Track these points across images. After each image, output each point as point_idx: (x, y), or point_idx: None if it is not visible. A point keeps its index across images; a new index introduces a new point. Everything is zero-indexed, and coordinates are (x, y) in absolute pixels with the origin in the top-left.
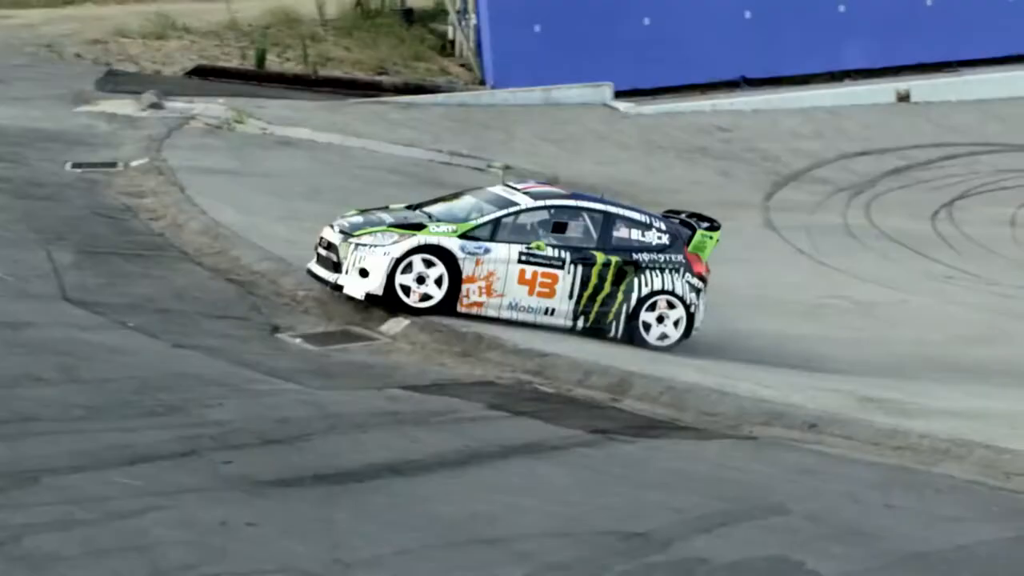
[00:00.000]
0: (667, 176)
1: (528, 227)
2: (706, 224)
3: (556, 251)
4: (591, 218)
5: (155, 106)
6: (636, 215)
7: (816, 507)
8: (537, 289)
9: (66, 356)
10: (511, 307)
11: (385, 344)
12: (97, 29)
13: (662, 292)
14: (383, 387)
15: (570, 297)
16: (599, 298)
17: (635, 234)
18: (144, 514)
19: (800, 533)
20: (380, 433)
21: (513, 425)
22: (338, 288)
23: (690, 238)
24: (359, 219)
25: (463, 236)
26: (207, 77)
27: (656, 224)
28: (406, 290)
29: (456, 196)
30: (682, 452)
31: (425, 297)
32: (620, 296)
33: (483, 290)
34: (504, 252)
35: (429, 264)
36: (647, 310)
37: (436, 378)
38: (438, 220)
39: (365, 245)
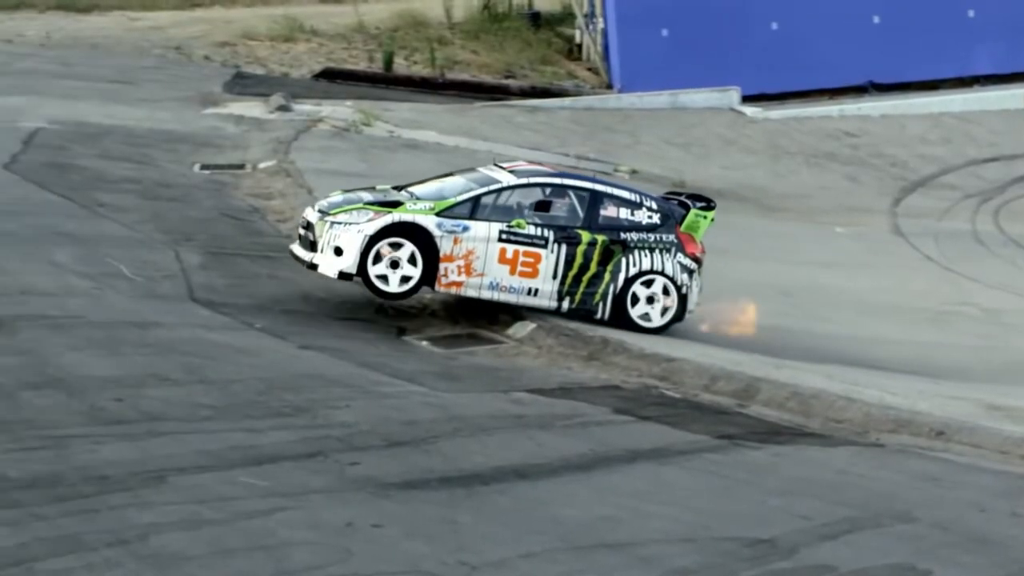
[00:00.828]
0: (794, 181)
1: (513, 206)
2: (701, 203)
3: (539, 230)
4: (577, 196)
5: (283, 108)
6: (625, 193)
7: (943, 515)
8: (519, 269)
9: (193, 356)
10: (492, 287)
11: (511, 347)
12: (225, 32)
13: (651, 272)
14: (508, 390)
15: (554, 277)
16: (585, 278)
17: (624, 213)
18: (270, 514)
19: (926, 541)
20: (505, 436)
21: (639, 429)
22: (313, 267)
23: (683, 218)
24: (339, 198)
25: (441, 214)
26: (334, 80)
27: (647, 203)
28: (384, 279)
29: (445, 176)
30: (808, 458)
31: (404, 279)
32: (607, 276)
33: (462, 269)
34: (484, 230)
35: (398, 246)
36: (642, 285)
37: (562, 382)
38: (419, 199)
39: (340, 223)
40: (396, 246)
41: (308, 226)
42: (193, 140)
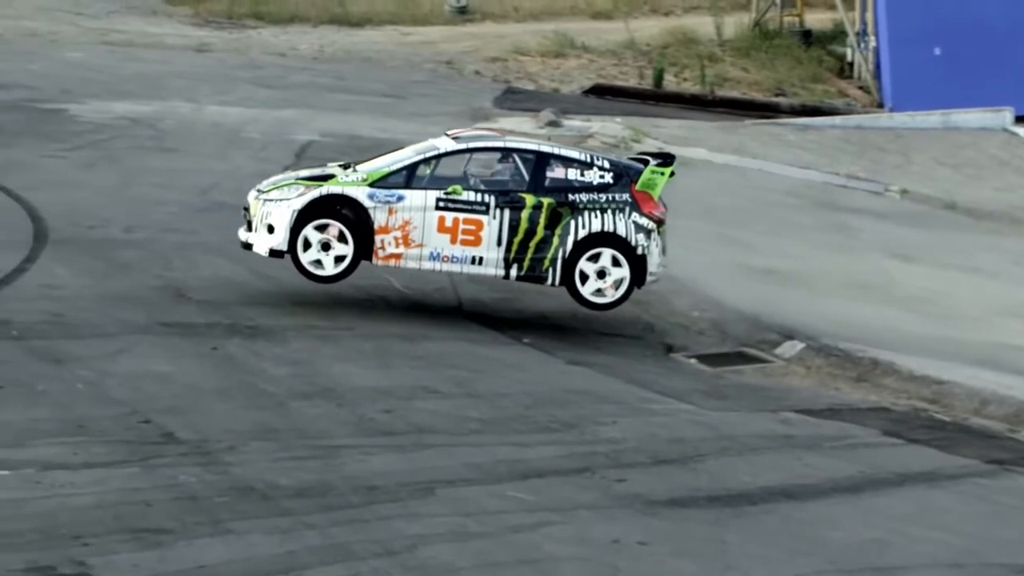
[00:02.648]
0: None
1: (460, 174)
2: (658, 160)
3: (478, 195)
4: (522, 159)
5: (552, 124)
6: (574, 153)
7: None
8: (460, 237)
9: (461, 370)
10: (433, 257)
11: (779, 367)
12: (496, 47)
13: (601, 233)
14: (777, 410)
15: (498, 244)
16: (532, 244)
17: (572, 174)
18: (537, 529)
19: None
20: (773, 456)
21: (907, 452)
22: (248, 247)
23: (639, 175)
24: (278, 177)
25: (374, 185)
26: (604, 96)
27: (598, 162)
28: (318, 263)
29: (395, 150)
30: None
31: (339, 259)
32: (555, 240)
33: (399, 240)
34: (420, 199)
35: (324, 227)
36: (587, 260)
37: (830, 403)
38: (356, 172)
39: (272, 200)
40: (323, 228)
41: (247, 208)
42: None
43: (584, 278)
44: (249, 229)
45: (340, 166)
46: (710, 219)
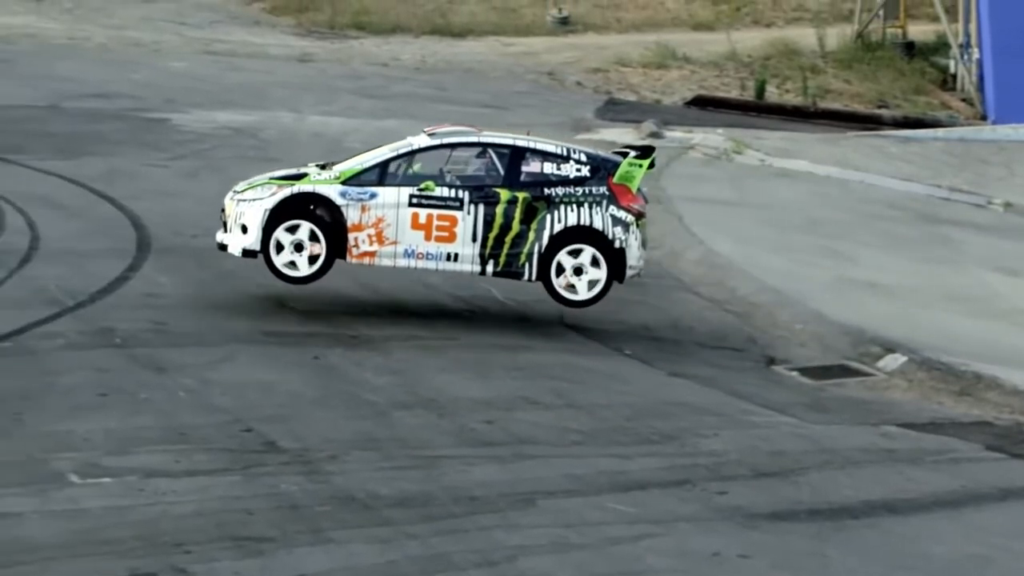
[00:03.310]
0: None
1: (435, 171)
2: (635, 152)
3: (452, 191)
4: (497, 154)
5: (654, 135)
6: (550, 147)
7: None
8: (435, 234)
9: (562, 381)
10: (407, 255)
11: (881, 380)
12: (598, 58)
13: (577, 227)
14: (878, 423)
15: (473, 240)
16: (507, 239)
17: (548, 167)
18: (638, 541)
19: None
20: (875, 470)
21: (1011, 467)
22: (223, 248)
23: (616, 168)
24: (254, 178)
25: (347, 182)
26: (706, 107)
27: (575, 156)
28: (292, 265)
29: (374, 149)
30: None
31: (312, 259)
32: (531, 235)
33: (373, 238)
34: (393, 196)
35: (295, 229)
36: (567, 254)
37: (932, 417)
38: (331, 171)
39: (246, 200)
40: (294, 229)
41: (223, 209)
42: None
43: (560, 273)
44: (226, 230)
45: (317, 166)
46: (812, 231)
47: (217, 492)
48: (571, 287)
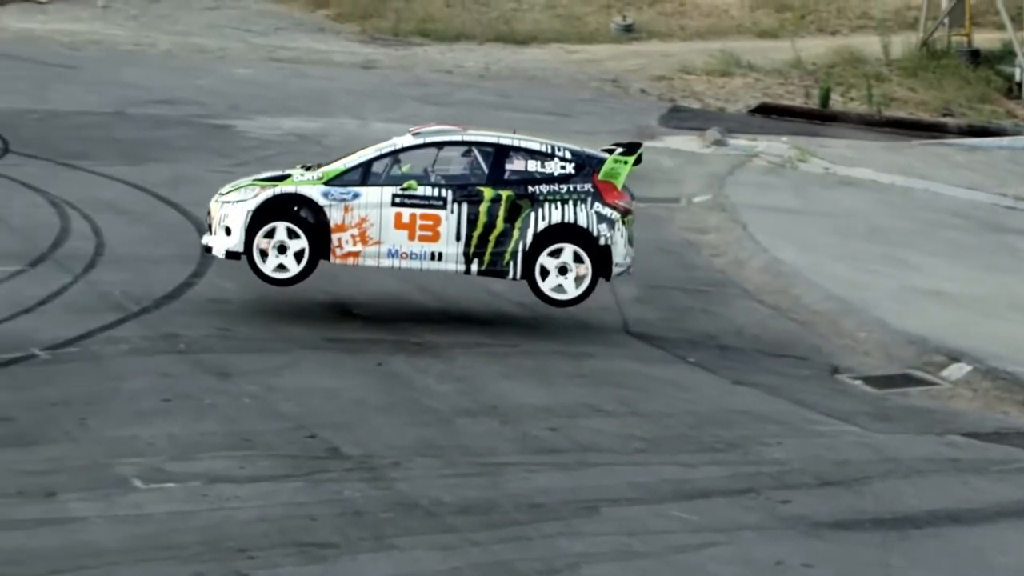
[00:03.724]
0: None
1: (420, 171)
2: (621, 148)
3: (435, 190)
4: (481, 152)
5: (718, 143)
6: (535, 145)
7: None
8: (418, 233)
9: (626, 388)
10: (391, 255)
11: (945, 389)
12: (662, 65)
13: (562, 224)
14: (943, 433)
15: (457, 239)
16: (492, 237)
17: (533, 165)
18: (701, 549)
19: None
20: (939, 480)
21: None
22: (208, 250)
23: (601, 164)
24: (239, 180)
25: (329, 183)
26: (770, 115)
27: (559, 153)
28: (282, 268)
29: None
30: None
31: (297, 259)
32: (515, 233)
33: (357, 238)
34: (376, 196)
35: (273, 232)
36: (548, 255)
37: (998, 426)
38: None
39: (230, 202)
40: (271, 233)
41: (209, 212)
42: (632, 173)
43: (545, 273)
44: (211, 233)
45: (303, 167)
46: (876, 240)
47: (281, 498)
48: (559, 287)
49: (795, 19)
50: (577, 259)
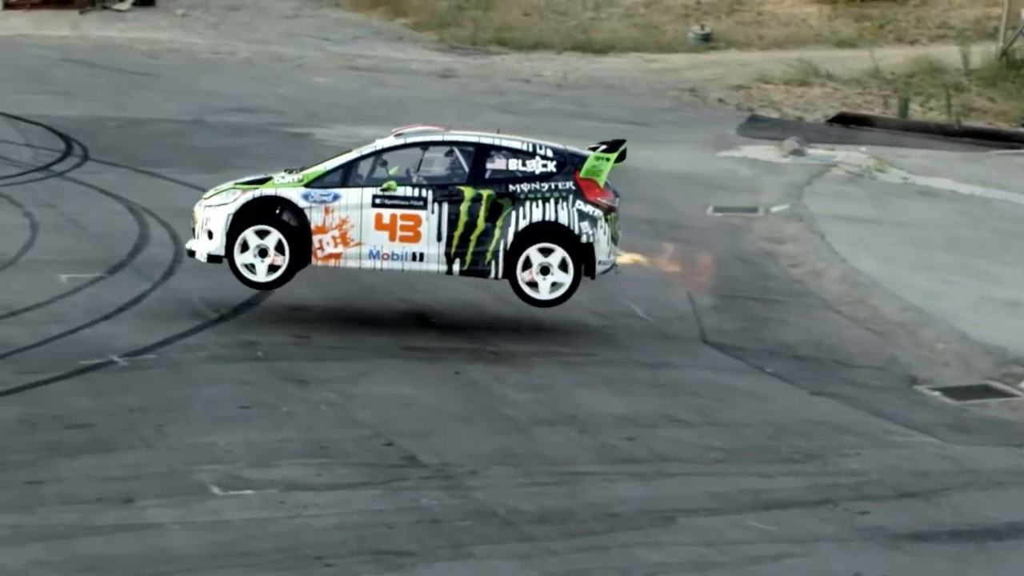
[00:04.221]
0: None
1: (403, 172)
2: (603, 146)
3: (415, 190)
4: (462, 152)
5: (796, 152)
6: (516, 143)
7: None
8: (399, 234)
9: (703, 398)
10: (372, 256)
11: None
12: (740, 75)
13: (543, 223)
14: (1022, 445)
15: (439, 239)
16: (473, 237)
17: (514, 164)
18: (778, 560)
19: None
20: (1019, 492)
21: None
22: (192, 254)
23: (583, 162)
24: (223, 184)
25: (310, 185)
26: (848, 125)
27: (541, 151)
28: (251, 268)
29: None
30: None
31: (272, 268)
32: (497, 232)
33: (338, 240)
34: (356, 197)
35: (264, 234)
36: (530, 254)
37: None
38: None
39: (212, 206)
40: (263, 233)
41: (193, 216)
42: (706, 182)
43: (527, 269)
44: (195, 236)
45: (285, 170)
46: (955, 250)
47: (358, 506)
48: (533, 284)
49: (874, 28)
50: (560, 260)
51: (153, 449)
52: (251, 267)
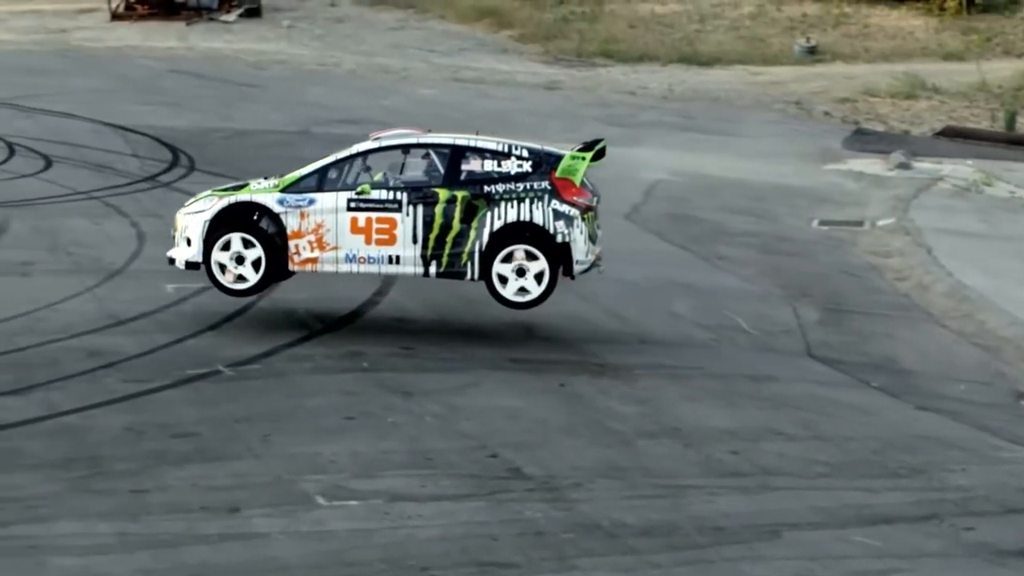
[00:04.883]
0: None
1: (381, 176)
2: (581, 146)
3: (389, 193)
4: (437, 154)
5: (903, 166)
6: (491, 144)
7: None
8: (375, 237)
9: (808, 412)
10: (349, 260)
11: None
12: (845, 88)
13: (518, 223)
14: None
15: (414, 241)
16: (449, 239)
17: (489, 165)
18: (883, 575)
19: None
20: None
21: None
22: (172, 261)
23: (558, 162)
24: (201, 192)
25: (285, 190)
26: (955, 138)
27: (516, 152)
28: (236, 279)
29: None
30: None
31: (239, 279)
32: (472, 233)
33: (314, 244)
34: (331, 201)
35: (248, 244)
36: (502, 261)
37: None
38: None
39: (191, 213)
40: (247, 243)
41: (173, 225)
42: (812, 195)
43: (504, 277)
44: (175, 244)
45: (263, 178)
46: None
47: (462, 517)
48: (523, 291)
49: (981, 41)
50: (532, 257)
51: (259, 459)
52: (224, 269)
